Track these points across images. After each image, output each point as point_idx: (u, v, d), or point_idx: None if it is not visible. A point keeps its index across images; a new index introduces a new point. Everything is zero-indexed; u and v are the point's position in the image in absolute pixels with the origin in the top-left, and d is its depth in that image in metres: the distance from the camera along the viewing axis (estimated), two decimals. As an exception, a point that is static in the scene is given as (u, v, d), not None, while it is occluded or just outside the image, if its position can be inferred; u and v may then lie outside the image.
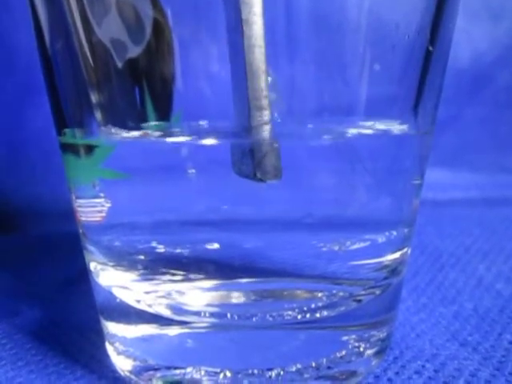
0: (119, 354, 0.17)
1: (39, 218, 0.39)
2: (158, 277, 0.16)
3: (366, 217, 0.17)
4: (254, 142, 0.14)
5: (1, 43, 0.38)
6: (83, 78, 0.15)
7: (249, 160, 0.14)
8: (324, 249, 0.16)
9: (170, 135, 0.16)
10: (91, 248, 0.17)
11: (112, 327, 0.17)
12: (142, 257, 0.16)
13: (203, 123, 0.16)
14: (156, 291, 0.16)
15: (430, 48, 0.16)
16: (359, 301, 0.16)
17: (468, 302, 0.23)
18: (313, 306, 0.16)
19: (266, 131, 0.14)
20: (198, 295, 0.16)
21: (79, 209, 0.17)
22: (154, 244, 0.16)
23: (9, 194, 0.39)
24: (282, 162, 0.14)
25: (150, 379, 0.16)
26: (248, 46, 0.13)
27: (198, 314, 0.16)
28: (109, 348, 0.18)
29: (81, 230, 0.18)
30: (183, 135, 0.16)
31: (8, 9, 0.37)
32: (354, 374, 0.17)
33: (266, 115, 0.14)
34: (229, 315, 0.16)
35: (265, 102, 0.14)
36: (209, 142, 0.15)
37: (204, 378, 0.16)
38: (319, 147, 0.16)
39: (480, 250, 0.30)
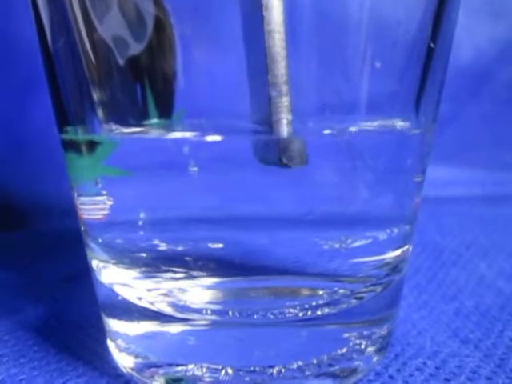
0: (121, 351, 0.17)
1: (41, 215, 0.39)
2: (159, 274, 0.16)
3: (367, 214, 0.17)
4: (275, 128, 0.14)
5: (2, 41, 0.38)
6: (85, 76, 0.15)
7: (274, 146, 0.14)
8: (325, 246, 0.16)
9: (172, 130, 0.16)
10: (93, 245, 0.17)
11: (114, 324, 0.18)
12: (143, 254, 0.16)
13: (205, 121, 0.16)
14: (158, 289, 0.16)
15: (432, 45, 0.15)
16: (360, 298, 0.16)
17: (469, 300, 0.23)
18: (314, 303, 0.16)
19: (286, 117, 0.14)
20: (200, 293, 0.16)
21: (81, 206, 0.17)
22: (155, 242, 0.16)
23: (11, 190, 0.39)
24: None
25: (152, 376, 0.16)
26: (268, 31, 0.13)
27: (199, 311, 0.16)
28: (111, 345, 0.18)
29: (83, 228, 0.18)
30: (185, 131, 0.16)
31: (10, 6, 0.37)
32: (355, 371, 0.17)
33: (286, 101, 0.14)
34: (230, 313, 0.16)
35: (285, 88, 0.14)
36: (211, 138, 0.15)
37: (205, 375, 0.16)
38: (321, 144, 0.16)
39: (481, 247, 0.30)
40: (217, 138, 0.15)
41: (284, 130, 0.14)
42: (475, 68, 0.48)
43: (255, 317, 0.16)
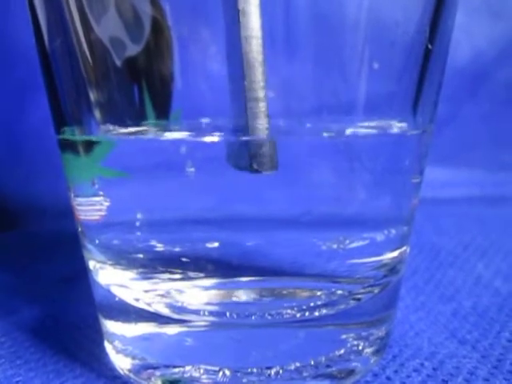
0: (118, 352, 0.17)
1: (38, 216, 0.39)
2: (157, 275, 0.16)
3: (365, 215, 0.17)
4: (251, 133, 0.14)
5: (0, 42, 0.38)
6: (82, 77, 0.15)
7: (245, 152, 0.14)
8: (323, 247, 0.16)
9: (169, 131, 0.16)
10: (90, 246, 0.17)
11: (111, 326, 0.17)
12: (141, 255, 0.16)
13: (202, 121, 0.16)
14: (155, 290, 0.16)
15: (430, 46, 0.15)
16: (358, 299, 0.16)
17: (466, 300, 0.23)
18: (312, 304, 0.16)
19: (262, 123, 0.14)
20: (197, 294, 0.16)
21: (78, 207, 0.17)
22: (153, 242, 0.16)
23: (7, 191, 0.39)
24: (281, 160, 0.14)
25: (149, 378, 0.16)
26: (245, 36, 0.13)
27: (197, 312, 0.16)
28: (108, 346, 0.18)
29: (80, 229, 0.18)
30: (182, 131, 0.16)
31: (7, 6, 0.37)
32: (352, 372, 0.17)
33: (262, 106, 0.14)
34: (228, 314, 0.16)
35: (261, 94, 0.14)
36: (208, 139, 0.15)
37: (203, 377, 0.16)
38: (318, 145, 0.16)
39: (478, 247, 0.30)
40: (214, 138, 0.15)
41: (260, 135, 0.14)
42: (473, 68, 0.48)
43: (253, 318, 0.16)
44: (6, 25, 0.37)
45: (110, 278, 0.17)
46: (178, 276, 0.16)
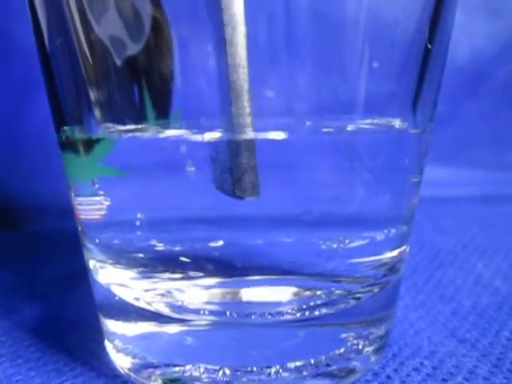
0: (118, 351, 0.17)
1: (38, 216, 0.39)
2: (157, 275, 0.16)
3: (364, 214, 0.17)
4: (233, 160, 0.14)
5: (0, 41, 0.38)
6: (82, 76, 0.15)
7: (228, 177, 0.14)
8: (323, 246, 0.16)
9: (168, 128, 0.16)
10: (90, 246, 0.17)
11: (111, 325, 0.18)
12: (141, 255, 0.16)
13: (202, 121, 0.16)
14: (155, 289, 0.16)
15: (429, 45, 0.15)
16: (358, 298, 0.16)
17: (466, 300, 0.23)
18: (312, 303, 0.16)
19: (245, 148, 0.14)
20: (198, 293, 0.16)
21: (78, 207, 0.17)
22: (153, 242, 0.16)
23: (8, 191, 0.39)
24: (281, 159, 0.14)
25: (149, 377, 0.16)
26: (232, 65, 0.14)
27: (197, 311, 0.16)
28: (108, 345, 0.18)
29: (80, 228, 0.18)
30: (182, 130, 0.16)
31: (7, 5, 0.37)
32: (352, 371, 0.17)
33: (249, 131, 0.14)
34: (228, 313, 0.16)
35: (248, 120, 0.14)
36: (208, 137, 0.15)
37: (203, 376, 0.16)
38: (318, 144, 0.16)
39: (478, 247, 0.30)
40: (214, 137, 0.15)
41: (242, 164, 0.14)
42: (473, 67, 0.48)
43: (253, 317, 0.16)
44: (6, 24, 0.37)
45: (111, 277, 0.17)
46: (178, 275, 0.16)
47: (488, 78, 0.48)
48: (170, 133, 0.16)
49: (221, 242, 0.15)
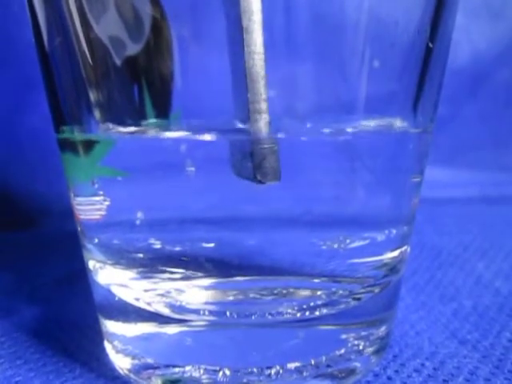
0: (118, 352, 0.17)
1: (38, 216, 0.39)
2: (156, 275, 0.16)
3: (365, 214, 0.17)
4: (254, 145, 0.14)
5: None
6: (81, 76, 0.15)
7: (248, 162, 0.14)
8: (323, 247, 0.16)
9: (168, 129, 0.16)
10: (90, 246, 0.17)
11: (111, 325, 0.17)
12: (140, 255, 0.16)
13: (202, 121, 0.16)
14: (155, 289, 0.16)
15: (430, 45, 0.15)
16: (358, 299, 0.16)
17: (467, 300, 0.23)
18: (312, 304, 0.16)
19: (264, 133, 0.14)
20: (197, 293, 0.16)
21: (78, 207, 0.17)
22: (152, 242, 0.16)
23: (8, 191, 0.39)
24: (281, 159, 0.14)
25: (149, 377, 0.16)
26: (248, 52, 0.14)
27: (197, 312, 0.16)
28: (107, 346, 0.18)
29: (79, 228, 0.18)
30: (182, 131, 0.16)
31: (6, 5, 0.37)
32: (353, 372, 0.17)
33: (265, 118, 0.14)
34: (228, 313, 0.16)
35: (264, 106, 0.14)
36: (208, 138, 0.15)
37: (203, 377, 0.16)
38: (319, 144, 0.16)
39: (479, 247, 0.30)
40: (213, 137, 0.15)
41: (263, 148, 0.14)
42: (473, 69, 0.48)
43: (253, 317, 0.16)
44: (6, 24, 0.37)
45: (110, 277, 0.17)
46: (178, 275, 0.16)
47: (488, 79, 0.48)
48: (170, 133, 0.16)
49: (220, 242, 0.15)
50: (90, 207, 0.17)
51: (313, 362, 0.16)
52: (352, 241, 0.16)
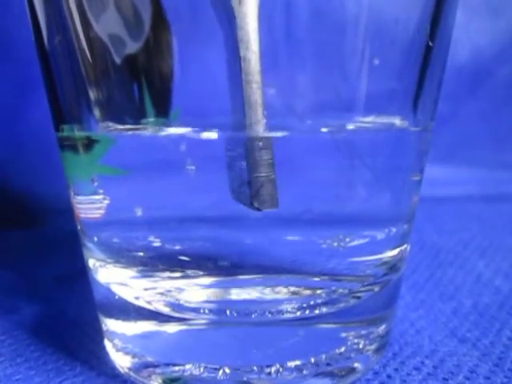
0: (118, 350, 0.17)
1: (38, 215, 0.39)
2: (156, 273, 0.16)
3: (365, 213, 0.16)
4: (251, 173, 0.15)
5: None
6: (81, 74, 0.15)
7: (246, 189, 0.15)
8: (323, 245, 0.16)
9: (168, 127, 0.16)
10: (90, 245, 0.17)
11: (111, 324, 0.17)
12: (140, 253, 0.16)
13: (202, 119, 0.16)
14: (155, 288, 0.16)
15: (430, 43, 0.15)
16: (358, 297, 0.16)
17: (467, 299, 0.23)
18: (312, 302, 0.16)
19: (264, 156, 0.15)
20: (197, 292, 0.16)
21: (78, 205, 0.17)
22: (152, 240, 0.16)
23: (8, 190, 0.39)
24: (281, 157, 0.15)
25: (149, 376, 0.16)
26: (246, 80, 0.14)
27: (197, 310, 0.16)
28: (108, 345, 0.18)
29: (79, 227, 0.18)
30: (181, 129, 0.16)
31: (6, 4, 0.37)
32: (353, 370, 0.17)
33: (264, 140, 0.15)
34: (228, 312, 0.16)
35: (261, 128, 0.15)
36: (207, 135, 0.15)
37: (203, 375, 0.16)
38: (318, 143, 0.16)
39: (479, 246, 0.30)
40: (213, 136, 0.15)
41: (261, 176, 0.15)
42: (473, 66, 0.48)
43: (253, 316, 0.16)
44: (6, 23, 0.37)
45: (110, 276, 0.17)
46: (178, 274, 0.16)
47: (488, 77, 0.48)
48: (170, 131, 0.16)
49: (221, 241, 0.15)
50: (89, 206, 0.17)
51: (313, 361, 0.16)
52: (352, 239, 0.16)
